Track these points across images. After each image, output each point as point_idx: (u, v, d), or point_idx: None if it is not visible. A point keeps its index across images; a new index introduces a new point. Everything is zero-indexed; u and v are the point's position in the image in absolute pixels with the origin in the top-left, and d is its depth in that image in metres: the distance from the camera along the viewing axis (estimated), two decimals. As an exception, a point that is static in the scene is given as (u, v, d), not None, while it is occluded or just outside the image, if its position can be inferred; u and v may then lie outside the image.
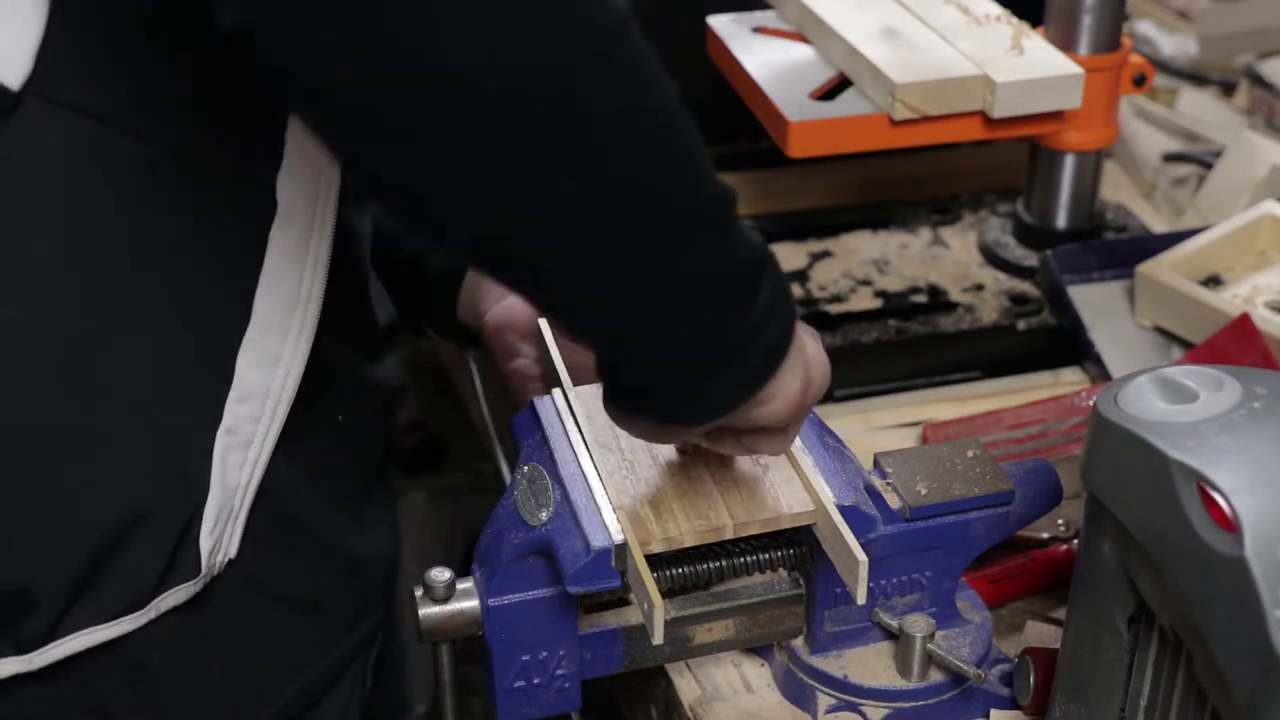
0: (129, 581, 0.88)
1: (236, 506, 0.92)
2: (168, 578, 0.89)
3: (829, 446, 1.01)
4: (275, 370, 0.91)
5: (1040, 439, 1.26)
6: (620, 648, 1.01)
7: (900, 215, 1.54)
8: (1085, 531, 0.90)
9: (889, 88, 1.28)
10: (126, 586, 0.88)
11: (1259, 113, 1.74)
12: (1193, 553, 0.79)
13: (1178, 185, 1.63)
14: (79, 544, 0.87)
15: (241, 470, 0.91)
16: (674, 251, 0.78)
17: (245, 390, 0.90)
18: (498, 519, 0.98)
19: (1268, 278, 1.39)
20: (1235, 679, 0.76)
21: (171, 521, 0.89)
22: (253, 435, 0.91)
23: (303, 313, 0.92)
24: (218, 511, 0.90)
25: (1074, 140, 1.41)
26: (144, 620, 0.89)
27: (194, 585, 0.91)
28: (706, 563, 0.99)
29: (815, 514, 0.96)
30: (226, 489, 0.90)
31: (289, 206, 0.90)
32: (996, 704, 1.02)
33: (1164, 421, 0.83)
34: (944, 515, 1.01)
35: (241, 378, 0.90)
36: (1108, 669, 0.90)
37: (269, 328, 0.90)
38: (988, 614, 1.06)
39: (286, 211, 0.90)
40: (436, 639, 0.98)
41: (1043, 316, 1.40)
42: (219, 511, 0.90)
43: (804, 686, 1.03)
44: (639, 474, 0.98)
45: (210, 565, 0.91)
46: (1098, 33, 1.37)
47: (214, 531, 0.90)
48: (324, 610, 1.01)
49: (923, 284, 1.44)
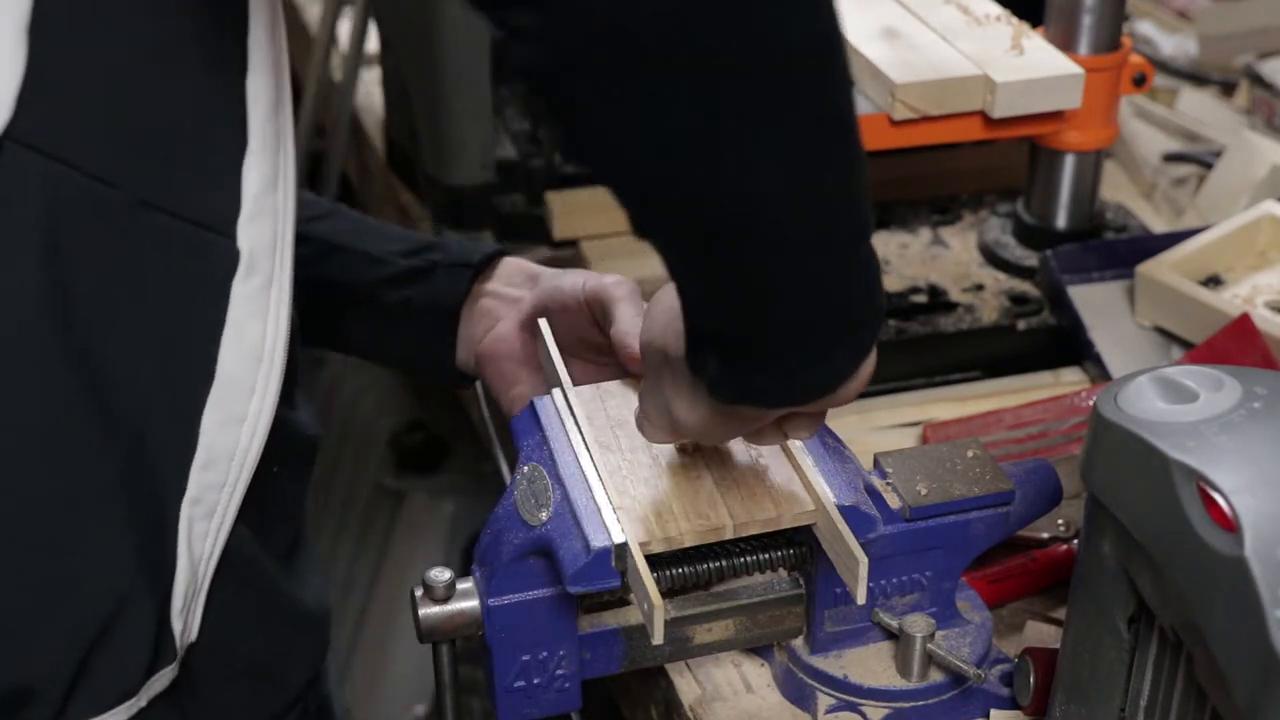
0: (121, 669, 0.85)
1: (200, 581, 0.88)
2: (155, 662, 0.86)
3: (829, 446, 1.01)
4: (240, 430, 0.87)
5: (1040, 439, 1.26)
6: (620, 648, 1.01)
7: (900, 215, 1.54)
8: (1085, 531, 0.90)
9: (889, 88, 1.28)
10: (119, 673, 0.85)
11: (1259, 113, 1.74)
12: (1193, 553, 0.79)
13: (1178, 185, 1.63)
14: (77, 632, 0.83)
15: (205, 542, 0.87)
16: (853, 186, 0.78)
17: (211, 455, 0.86)
18: (498, 519, 0.98)
19: (1268, 278, 1.39)
20: (1235, 679, 0.76)
21: (152, 602, 0.85)
22: (216, 503, 0.87)
23: (267, 368, 0.88)
24: (185, 589, 0.87)
25: (1074, 140, 1.41)
26: (135, 710, 0.86)
27: (174, 670, 0.87)
28: (706, 563, 0.99)
29: (815, 514, 0.96)
30: (192, 564, 0.87)
31: (250, 256, 0.87)
32: (996, 704, 1.02)
33: (1164, 421, 0.83)
34: (944, 515, 1.01)
35: (207, 441, 0.86)
36: (1108, 669, 0.90)
37: (234, 385, 0.87)
38: (988, 614, 1.06)
39: (248, 261, 0.87)
40: (436, 639, 0.98)
41: (1043, 316, 1.40)
42: (186, 588, 0.87)
43: (804, 686, 1.03)
44: (639, 474, 0.98)
45: (182, 646, 0.88)
46: (1098, 33, 1.37)
47: (183, 611, 0.87)
48: (279, 674, 0.98)
49: (923, 284, 1.44)
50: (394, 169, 1.74)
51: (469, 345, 1.16)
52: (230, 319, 0.86)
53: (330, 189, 2.07)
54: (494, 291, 1.16)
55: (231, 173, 0.86)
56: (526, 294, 1.14)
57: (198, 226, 0.85)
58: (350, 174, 2.05)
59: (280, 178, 0.88)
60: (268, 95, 0.86)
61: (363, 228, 1.21)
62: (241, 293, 0.86)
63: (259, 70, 0.86)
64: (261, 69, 0.86)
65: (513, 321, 1.14)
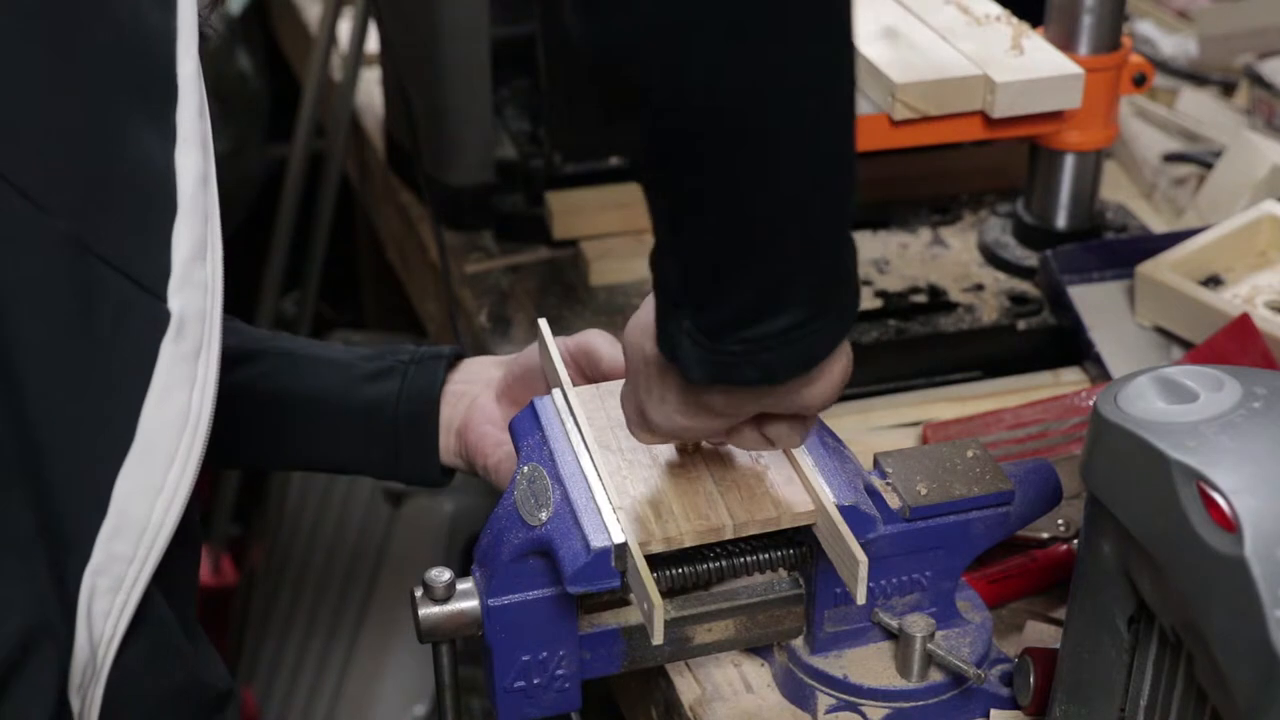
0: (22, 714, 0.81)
1: (99, 664, 0.84)
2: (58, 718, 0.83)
3: (829, 446, 1.01)
4: (156, 501, 0.83)
5: (1040, 439, 1.26)
6: (620, 648, 1.01)
7: (900, 215, 1.54)
8: (1085, 531, 0.90)
9: (889, 88, 1.28)
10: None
11: (1259, 113, 1.74)
12: (1193, 553, 0.79)
13: (1178, 185, 1.63)
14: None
15: (107, 620, 0.83)
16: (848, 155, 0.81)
17: (121, 523, 0.83)
18: (498, 519, 0.98)
19: (1268, 278, 1.39)
20: (1235, 679, 0.76)
21: (55, 661, 0.82)
22: (122, 578, 0.83)
23: (190, 439, 0.84)
24: (82, 669, 0.83)
25: (1074, 140, 1.41)
26: None
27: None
28: (706, 563, 0.99)
29: (815, 514, 0.96)
30: (92, 642, 0.83)
31: (181, 319, 0.84)
32: (996, 704, 1.02)
33: (1164, 421, 0.83)
34: (944, 515, 1.01)
35: (118, 508, 0.82)
36: (1108, 669, 0.90)
37: (154, 452, 0.83)
38: (988, 614, 1.06)
39: (179, 324, 0.84)
40: (436, 639, 0.98)
41: (1043, 316, 1.40)
42: (84, 669, 0.83)
43: (804, 686, 1.03)
44: (639, 474, 0.98)
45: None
46: (1098, 33, 1.37)
47: (79, 690, 0.83)
48: None
49: (923, 284, 1.44)
50: (394, 169, 1.74)
51: (449, 429, 1.15)
52: (156, 382, 0.83)
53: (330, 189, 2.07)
54: (464, 380, 1.16)
55: (162, 235, 0.84)
56: (499, 373, 1.15)
57: (129, 280, 0.83)
58: (350, 174, 2.05)
59: (209, 250, 0.86)
60: (196, 168, 0.86)
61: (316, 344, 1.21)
62: (170, 355, 0.84)
63: (188, 143, 0.85)
64: (190, 142, 0.86)
65: (492, 393, 1.14)
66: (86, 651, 0.83)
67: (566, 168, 1.61)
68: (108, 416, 0.83)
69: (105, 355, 0.83)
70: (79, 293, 0.82)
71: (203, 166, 0.86)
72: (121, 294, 0.83)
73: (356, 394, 1.15)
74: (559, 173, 1.60)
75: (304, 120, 2.07)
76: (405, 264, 1.79)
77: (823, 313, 0.84)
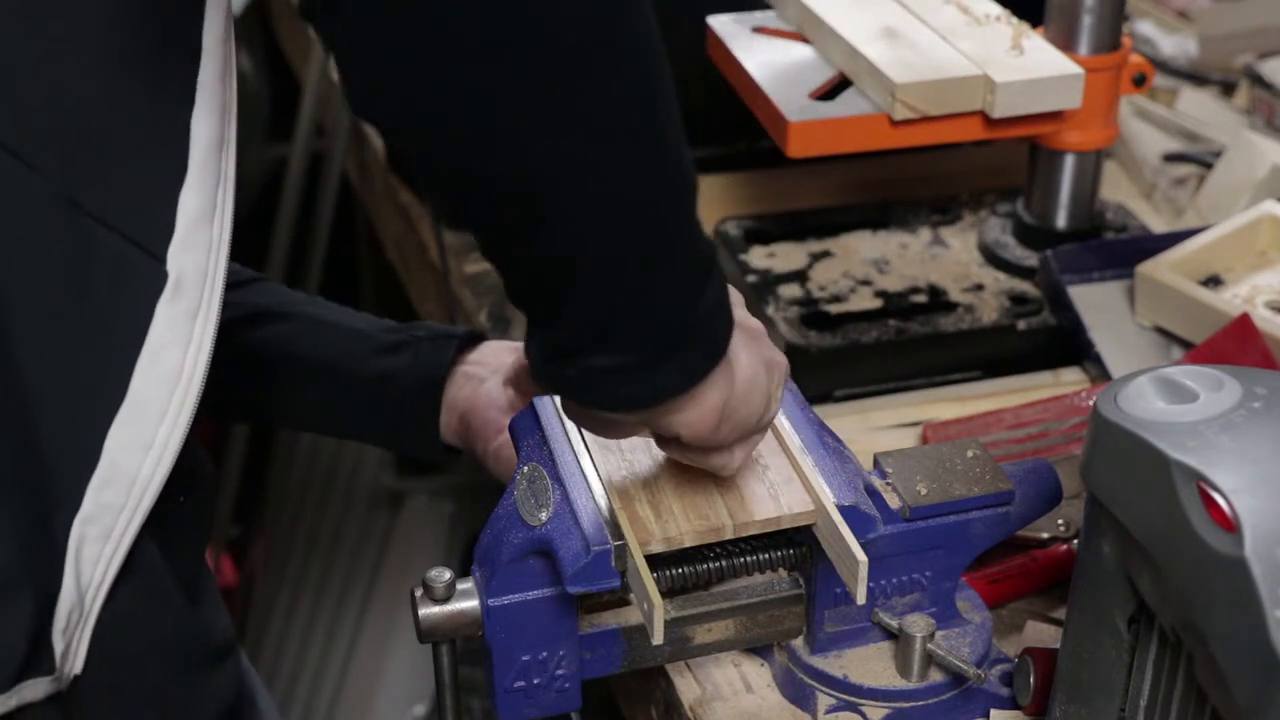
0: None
1: (87, 608, 0.86)
2: (29, 665, 0.84)
3: (829, 446, 1.01)
4: (146, 457, 0.86)
5: (1040, 439, 1.26)
6: (620, 648, 1.01)
7: (900, 215, 1.54)
8: (1085, 531, 0.90)
9: (889, 88, 1.28)
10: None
11: (1259, 113, 1.74)
12: (1193, 553, 0.79)
13: (1178, 185, 1.63)
14: None
15: (96, 567, 0.85)
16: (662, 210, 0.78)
17: (111, 474, 0.85)
18: (498, 519, 0.98)
19: (1268, 278, 1.39)
20: (1235, 679, 0.76)
21: (31, 602, 0.83)
22: (112, 527, 0.85)
23: (181, 396, 0.86)
24: (69, 612, 0.85)
25: (1074, 140, 1.41)
26: (3, 709, 0.84)
27: (51, 683, 0.86)
28: (706, 563, 0.99)
29: (815, 514, 0.96)
30: (80, 587, 0.85)
31: (178, 280, 0.85)
32: (996, 704, 1.02)
33: (1164, 421, 0.83)
34: (944, 515, 1.01)
35: (109, 460, 0.84)
36: (1108, 669, 0.90)
37: (145, 408, 0.85)
38: (988, 614, 1.06)
39: (176, 284, 0.85)
40: (436, 639, 0.98)
41: (1043, 316, 1.40)
42: (70, 612, 0.85)
43: (804, 686, 1.03)
44: (639, 474, 0.98)
45: (63, 670, 0.86)
46: (1098, 33, 1.37)
47: (65, 634, 0.85)
48: (184, 706, 0.96)
49: (923, 284, 1.44)
50: (394, 169, 1.74)
51: (452, 409, 1.17)
52: (150, 340, 0.85)
53: (330, 189, 2.07)
54: (478, 361, 1.18)
55: (167, 197, 0.86)
56: (510, 359, 1.16)
57: (126, 241, 0.85)
58: (350, 174, 2.05)
59: (218, 212, 0.87)
60: (212, 132, 0.87)
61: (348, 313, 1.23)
62: (165, 315, 0.85)
63: (205, 109, 0.86)
64: (207, 108, 0.86)
65: (499, 379, 1.16)
66: (74, 596, 0.84)
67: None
68: (100, 372, 0.84)
69: (98, 312, 0.84)
70: (71, 250, 0.83)
71: (219, 130, 0.87)
72: (116, 252, 0.84)
73: (369, 364, 1.18)
74: (559, 173, 1.60)
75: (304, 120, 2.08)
76: (405, 264, 1.79)
77: (660, 360, 0.82)
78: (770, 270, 1.44)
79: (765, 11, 1.48)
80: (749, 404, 0.89)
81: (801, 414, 1.04)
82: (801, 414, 1.04)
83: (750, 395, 0.88)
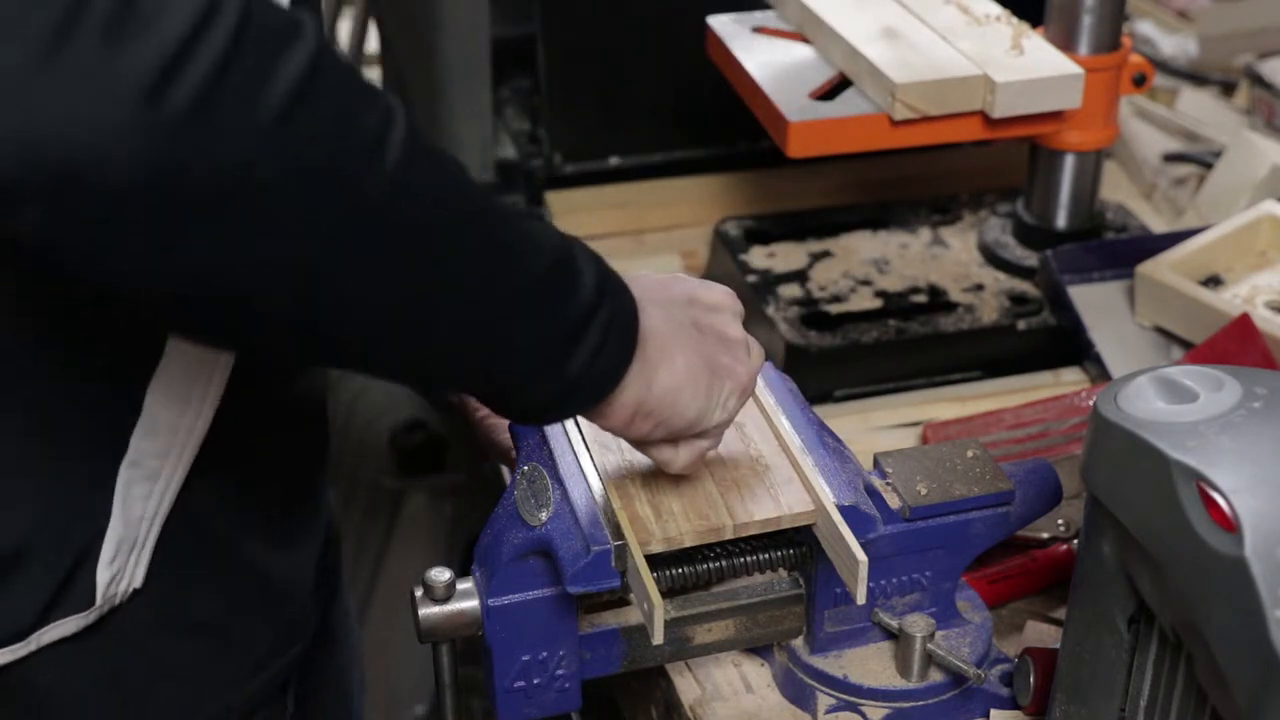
0: (5, 614, 0.87)
1: (142, 536, 0.90)
2: (51, 612, 0.88)
3: (829, 446, 1.01)
4: (185, 410, 0.89)
5: (1040, 439, 1.26)
6: (620, 648, 1.01)
7: (900, 215, 1.54)
8: (1085, 531, 0.90)
9: (889, 88, 1.28)
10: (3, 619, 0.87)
11: (1259, 113, 1.74)
12: (1193, 553, 0.79)
13: (1178, 185, 1.63)
14: None
15: (148, 502, 0.89)
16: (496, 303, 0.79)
17: (153, 426, 0.88)
18: (498, 519, 0.98)
19: (1268, 278, 1.39)
20: (1235, 679, 0.76)
21: (56, 557, 0.87)
22: (159, 470, 0.89)
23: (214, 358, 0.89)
24: (118, 542, 0.89)
25: (1074, 140, 1.41)
26: (24, 652, 0.88)
27: (85, 617, 0.89)
28: (706, 563, 0.99)
29: (815, 514, 0.96)
30: (129, 520, 0.89)
31: None
32: (996, 704, 1.02)
33: (1164, 421, 0.83)
34: (944, 515, 1.01)
35: (149, 413, 0.88)
36: (1108, 669, 0.90)
37: (182, 364, 0.88)
38: (988, 614, 1.06)
39: None
40: (436, 639, 0.98)
41: (1043, 316, 1.40)
42: (120, 542, 0.89)
43: (804, 686, 1.03)
44: (639, 474, 0.98)
45: (109, 596, 0.89)
46: (1098, 33, 1.37)
47: (114, 562, 0.88)
48: (237, 640, 0.99)
49: (923, 284, 1.44)
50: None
51: None
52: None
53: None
54: None
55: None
56: None
57: None
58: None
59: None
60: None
61: None
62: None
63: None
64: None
65: None
66: (121, 530, 0.88)
67: (566, 168, 1.61)
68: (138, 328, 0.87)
69: None
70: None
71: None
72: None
73: None
74: (559, 173, 1.60)
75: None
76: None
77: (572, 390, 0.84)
78: (770, 270, 1.44)
79: (765, 11, 1.48)
80: (673, 406, 0.89)
81: (801, 414, 1.04)
82: (801, 414, 1.04)
83: (677, 398, 0.89)
